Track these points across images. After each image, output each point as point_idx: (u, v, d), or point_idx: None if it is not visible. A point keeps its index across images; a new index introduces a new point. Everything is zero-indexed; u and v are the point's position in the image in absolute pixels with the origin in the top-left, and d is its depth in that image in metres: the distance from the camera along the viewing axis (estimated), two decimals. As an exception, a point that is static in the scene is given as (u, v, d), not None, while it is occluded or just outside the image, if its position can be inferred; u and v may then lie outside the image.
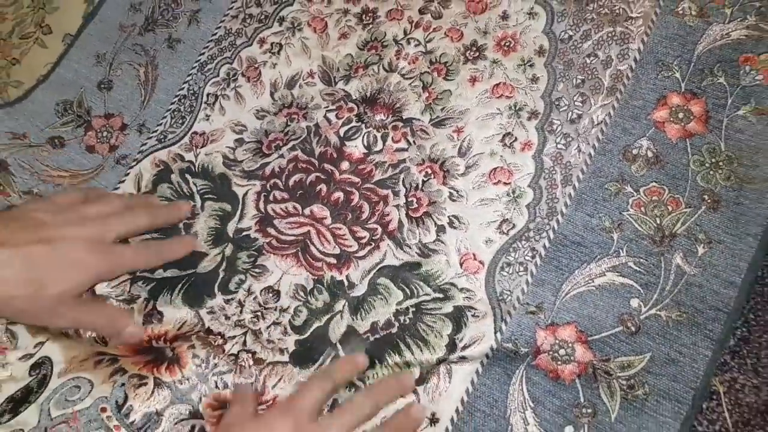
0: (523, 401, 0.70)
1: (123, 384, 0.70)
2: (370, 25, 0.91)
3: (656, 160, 0.77)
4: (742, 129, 0.76)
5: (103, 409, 0.69)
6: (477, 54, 0.87)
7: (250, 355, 0.75)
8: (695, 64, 0.80)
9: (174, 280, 0.80)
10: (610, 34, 0.84)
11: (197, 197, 0.85)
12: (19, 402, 0.70)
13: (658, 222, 0.74)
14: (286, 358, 0.74)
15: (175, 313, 0.77)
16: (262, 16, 0.95)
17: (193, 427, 0.69)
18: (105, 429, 0.68)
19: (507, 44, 0.86)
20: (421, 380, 0.72)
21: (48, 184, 0.87)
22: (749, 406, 0.66)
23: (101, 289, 0.79)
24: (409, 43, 0.89)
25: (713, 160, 0.75)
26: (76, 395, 0.69)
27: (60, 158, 0.89)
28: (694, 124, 0.77)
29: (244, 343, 0.76)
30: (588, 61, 0.83)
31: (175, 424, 0.69)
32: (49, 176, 0.88)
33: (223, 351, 0.75)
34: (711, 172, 0.75)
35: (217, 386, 0.72)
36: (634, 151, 0.78)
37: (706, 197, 0.74)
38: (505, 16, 0.88)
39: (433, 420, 0.70)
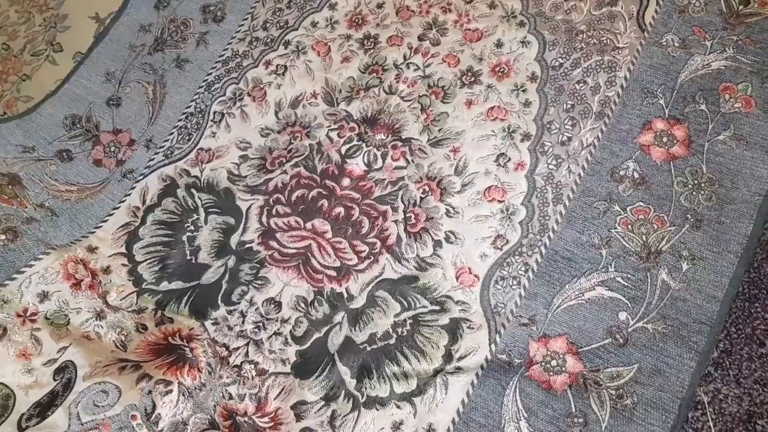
0: (517, 412, 0.72)
1: (150, 392, 0.72)
2: (372, 50, 0.96)
3: (642, 181, 0.81)
4: (723, 153, 0.81)
5: (134, 417, 0.70)
6: (473, 79, 0.91)
7: (252, 366, 0.77)
8: (678, 91, 0.85)
9: (179, 292, 0.82)
10: (598, 63, 0.89)
11: (202, 211, 0.88)
12: (45, 406, 0.71)
13: (645, 239, 0.78)
14: (288, 368, 0.76)
15: (183, 321, 0.79)
16: (268, 40, 0.99)
17: None
18: None
19: (501, 70, 0.91)
20: (419, 391, 0.74)
21: (57, 199, 0.89)
22: (732, 416, 0.69)
23: (112, 300, 0.81)
24: (408, 67, 0.94)
25: (695, 181, 0.80)
26: (104, 401, 0.71)
27: (68, 172, 0.92)
28: (678, 148, 0.82)
29: (247, 353, 0.78)
30: (577, 88, 0.88)
31: None
32: (57, 191, 0.90)
33: (228, 362, 0.77)
34: (694, 193, 0.79)
35: (223, 396, 0.74)
36: (622, 173, 0.82)
37: (689, 216, 0.78)
38: (499, 44, 0.93)
39: (430, 430, 0.72)
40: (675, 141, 0.82)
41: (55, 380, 0.73)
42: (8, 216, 0.85)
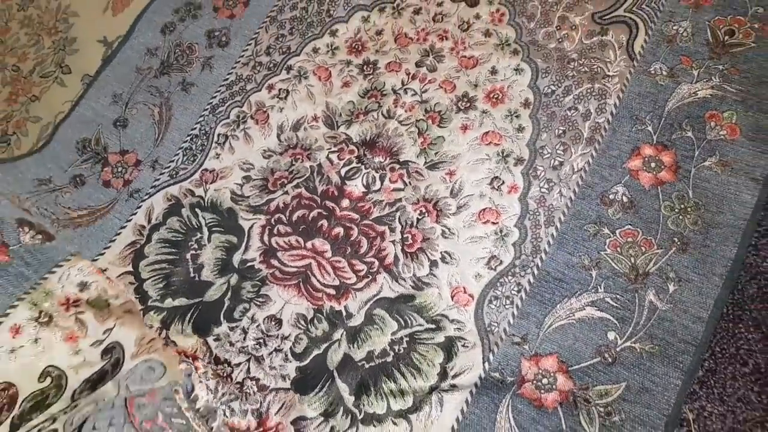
0: (509, 429, 0.74)
1: (190, 374, 0.77)
2: (371, 76, 0.99)
3: (631, 204, 0.84)
4: (708, 178, 0.84)
5: (176, 391, 0.75)
6: (468, 104, 0.95)
7: (254, 382, 0.79)
8: (666, 119, 0.89)
9: (183, 309, 0.84)
10: (589, 90, 0.92)
11: (205, 230, 0.91)
12: (96, 381, 0.76)
13: (633, 261, 0.81)
14: (288, 384, 0.79)
15: (186, 342, 0.82)
16: (271, 64, 1.03)
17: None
18: (177, 408, 0.74)
19: (496, 96, 0.94)
20: (414, 408, 0.77)
21: (68, 228, 0.92)
22: (717, 434, 0.71)
23: None
24: (406, 92, 0.97)
25: (682, 206, 0.83)
26: (152, 375, 0.76)
27: (80, 196, 0.95)
28: (665, 173, 0.85)
29: (248, 369, 0.80)
30: (569, 114, 0.91)
31: (224, 425, 0.75)
32: (69, 219, 0.93)
33: (231, 379, 0.79)
34: (680, 217, 0.82)
35: (225, 414, 0.76)
36: (611, 197, 0.85)
37: (676, 239, 0.81)
38: (494, 71, 0.96)
39: (425, 446, 0.75)
40: (662, 166, 0.85)
41: (103, 359, 0.77)
42: (39, 223, 0.90)
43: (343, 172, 0.93)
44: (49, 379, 0.76)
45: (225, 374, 0.79)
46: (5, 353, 0.78)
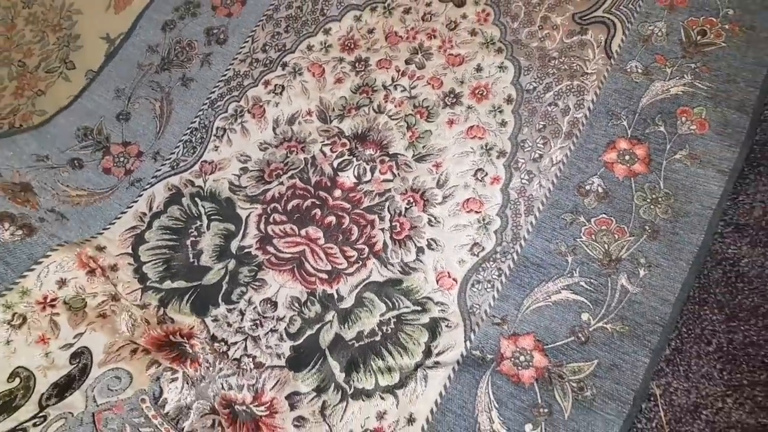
0: (488, 403, 0.79)
1: (158, 378, 0.79)
2: (363, 72, 1.04)
3: (605, 195, 0.89)
4: (679, 170, 0.89)
5: (143, 400, 0.78)
6: (454, 100, 1.00)
7: (251, 359, 0.84)
8: (640, 114, 0.94)
9: (182, 291, 0.89)
10: (568, 87, 0.97)
11: (204, 218, 0.95)
12: (63, 387, 0.78)
13: (606, 248, 0.86)
14: (282, 362, 0.84)
15: (184, 320, 0.87)
16: (268, 61, 1.07)
17: (213, 420, 0.78)
18: (144, 417, 0.77)
19: (480, 93, 0.99)
20: (401, 384, 0.82)
21: (67, 203, 0.97)
22: (681, 407, 0.77)
23: (123, 302, 0.88)
24: (396, 88, 1.02)
25: (654, 196, 0.88)
26: (117, 385, 0.78)
27: (78, 178, 0.99)
28: (638, 165, 0.90)
29: (245, 348, 0.85)
30: (549, 109, 0.96)
31: (200, 417, 0.78)
32: (68, 196, 0.97)
33: (227, 356, 0.84)
34: (652, 207, 0.87)
35: (223, 387, 0.81)
36: (587, 187, 0.90)
37: (647, 227, 0.86)
38: (479, 69, 1.01)
39: (411, 420, 0.80)
40: (636, 159, 0.91)
41: (71, 364, 0.80)
42: (23, 215, 0.92)
43: (335, 163, 0.97)
44: (18, 380, 0.78)
45: (221, 351, 0.84)
46: None
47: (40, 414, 0.76)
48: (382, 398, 0.81)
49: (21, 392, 0.78)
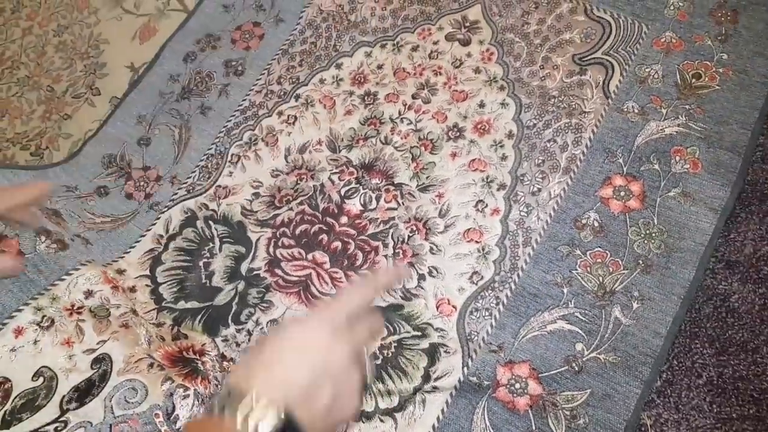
0: (484, 428, 0.82)
1: (171, 394, 0.82)
2: (371, 105, 1.09)
3: (601, 229, 0.93)
4: (672, 207, 0.92)
5: (157, 415, 0.81)
6: (458, 134, 1.04)
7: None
8: (635, 152, 0.98)
9: (194, 311, 0.94)
10: (567, 125, 1.02)
11: (217, 240, 1.00)
12: (84, 392, 0.82)
13: (601, 280, 0.89)
14: (285, 381, 0.87)
15: (197, 337, 0.91)
16: (282, 93, 1.13)
17: None
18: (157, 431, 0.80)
19: (483, 128, 1.04)
20: (400, 408, 0.85)
21: (92, 230, 1.02)
22: (670, 438, 0.79)
23: (141, 318, 0.92)
24: (402, 121, 1.07)
25: (647, 231, 0.91)
26: (134, 398, 0.82)
27: (104, 205, 1.05)
28: (633, 201, 0.94)
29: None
30: (548, 145, 1.00)
31: None
32: (93, 223, 1.03)
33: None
34: (645, 242, 0.91)
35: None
36: (583, 221, 0.94)
37: (640, 262, 0.89)
38: (482, 105, 1.06)
39: (408, 443, 0.82)
40: (631, 195, 0.94)
41: (92, 369, 0.84)
42: (57, 232, 0.97)
43: (343, 191, 1.02)
44: (41, 379, 0.82)
45: (229, 370, 0.88)
46: (6, 352, 0.84)
47: (61, 418, 0.80)
48: (382, 421, 0.84)
49: (44, 392, 0.82)
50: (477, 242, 0.95)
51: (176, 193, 1.05)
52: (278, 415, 0.45)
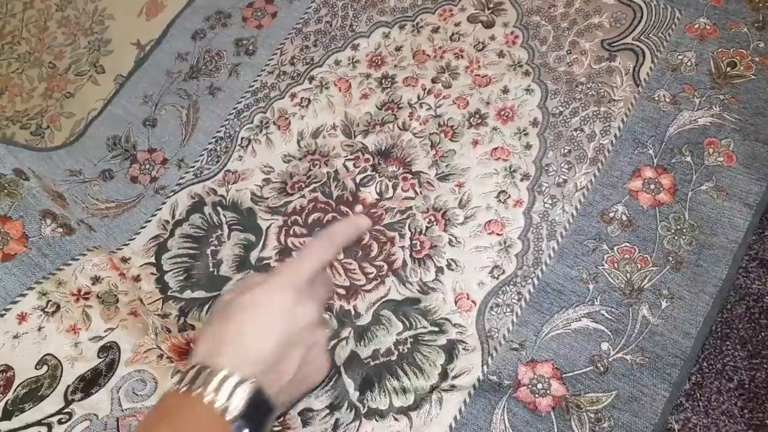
0: (504, 429, 0.79)
1: None
2: (389, 89, 1.05)
3: (629, 223, 0.89)
4: (704, 202, 0.88)
5: None
6: (480, 121, 1.00)
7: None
8: (666, 143, 0.93)
9: (201, 301, 0.90)
10: (595, 113, 0.97)
11: (225, 228, 0.96)
12: (89, 382, 0.78)
13: (629, 277, 0.85)
14: (296, 375, 0.84)
15: (203, 329, 0.87)
16: (295, 74, 1.08)
17: None
18: None
19: (506, 114, 1.00)
20: (415, 406, 0.81)
21: (95, 216, 0.98)
22: (700, 444, 0.76)
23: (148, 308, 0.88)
24: (421, 106, 1.02)
25: (678, 226, 0.87)
26: (143, 390, 0.78)
27: (108, 190, 1.00)
28: (664, 195, 0.90)
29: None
30: (575, 134, 0.96)
31: None
32: (97, 209, 0.98)
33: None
34: (676, 237, 0.87)
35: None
36: (611, 215, 0.90)
37: (670, 258, 0.85)
38: (505, 90, 1.01)
39: (424, 443, 0.79)
40: (661, 188, 0.90)
41: (99, 357, 0.80)
42: (63, 215, 0.93)
43: (358, 179, 0.98)
44: (45, 367, 0.78)
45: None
46: (9, 338, 0.80)
47: (65, 410, 0.76)
48: (396, 419, 0.80)
49: (47, 381, 0.78)
50: (498, 235, 0.91)
51: (183, 177, 1.01)
52: (251, 390, 0.44)
